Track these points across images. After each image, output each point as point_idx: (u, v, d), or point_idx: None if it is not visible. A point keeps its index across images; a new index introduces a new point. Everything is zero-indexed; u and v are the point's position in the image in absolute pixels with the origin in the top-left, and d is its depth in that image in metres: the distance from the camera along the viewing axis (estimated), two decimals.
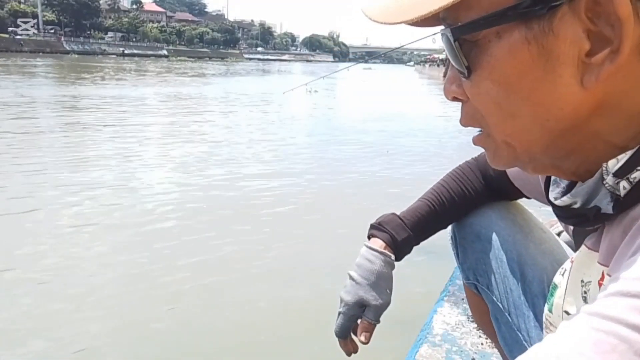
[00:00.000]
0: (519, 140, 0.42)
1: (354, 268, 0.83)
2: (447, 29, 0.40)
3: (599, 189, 0.41)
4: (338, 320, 0.83)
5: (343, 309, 0.82)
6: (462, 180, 0.87)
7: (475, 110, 0.43)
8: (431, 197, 0.87)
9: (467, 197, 0.86)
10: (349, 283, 0.83)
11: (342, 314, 0.82)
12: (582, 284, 0.47)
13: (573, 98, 0.37)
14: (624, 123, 0.38)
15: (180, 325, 2.48)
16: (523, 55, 0.37)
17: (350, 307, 0.81)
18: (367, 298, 0.81)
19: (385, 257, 0.82)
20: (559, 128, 0.40)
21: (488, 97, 0.41)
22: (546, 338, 0.34)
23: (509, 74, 0.38)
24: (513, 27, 0.36)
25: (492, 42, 0.38)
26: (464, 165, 0.89)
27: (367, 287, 0.81)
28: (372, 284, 0.81)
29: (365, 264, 0.82)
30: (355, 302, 0.81)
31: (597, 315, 0.30)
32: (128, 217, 3.97)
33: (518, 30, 0.36)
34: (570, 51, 0.35)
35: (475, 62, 0.39)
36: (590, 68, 0.36)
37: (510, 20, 0.36)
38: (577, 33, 0.35)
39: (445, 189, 0.87)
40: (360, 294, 0.81)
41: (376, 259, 0.82)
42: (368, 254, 0.83)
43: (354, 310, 0.82)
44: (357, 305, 0.81)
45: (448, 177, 0.89)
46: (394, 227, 0.84)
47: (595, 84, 0.36)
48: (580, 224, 0.47)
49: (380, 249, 0.82)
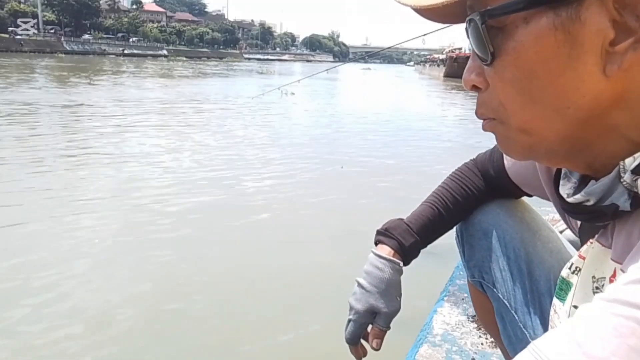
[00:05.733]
0: (538, 128, 0.42)
1: (363, 275, 0.83)
2: (475, 13, 0.40)
3: (615, 186, 0.41)
4: (349, 328, 0.83)
5: (354, 316, 0.82)
6: (463, 181, 0.87)
7: (494, 98, 0.44)
8: (434, 200, 0.88)
9: (470, 197, 0.86)
10: (358, 291, 0.83)
11: (352, 321, 0.82)
12: (593, 280, 0.48)
13: (595, 86, 0.38)
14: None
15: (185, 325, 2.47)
16: (549, 41, 0.38)
17: (361, 315, 0.81)
18: (378, 306, 0.81)
19: (393, 264, 0.82)
20: (579, 117, 0.40)
21: (510, 83, 0.41)
22: (563, 323, 0.34)
23: (534, 59, 0.39)
24: (542, 12, 0.37)
25: (519, 27, 0.39)
26: (462, 167, 0.90)
27: (377, 295, 0.81)
28: (382, 291, 0.81)
29: (374, 271, 0.82)
30: (366, 310, 0.81)
31: (616, 302, 0.31)
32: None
33: (546, 16, 0.37)
34: (596, 39, 0.36)
35: (501, 48, 0.40)
36: (614, 57, 0.37)
37: (540, 6, 0.37)
38: (603, 22, 0.36)
39: (447, 191, 0.88)
40: (370, 302, 0.81)
41: (385, 267, 0.82)
42: (376, 262, 0.83)
43: (365, 318, 0.82)
44: (368, 313, 0.81)
45: (448, 179, 0.90)
46: (400, 233, 0.84)
47: (617, 73, 0.37)
48: (591, 220, 0.48)
49: (388, 256, 0.82)
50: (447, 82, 34.39)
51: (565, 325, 0.33)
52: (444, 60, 45.19)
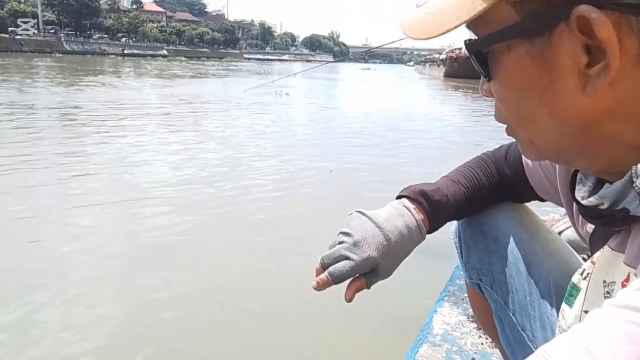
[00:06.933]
0: (540, 140, 0.46)
1: (388, 225, 0.72)
2: (467, 40, 0.45)
3: (627, 191, 0.42)
4: (343, 265, 0.70)
5: (358, 258, 0.70)
6: (487, 173, 0.83)
7: (501, 109, 0.48)
8: (467, 185, 0.81)
9: (492, 192, 0.83)
10: (380, 236, 0.71)
11: (353, 262, 0.70)
12: (604, 284, 0.48)
13: (578, 104, 0.40)
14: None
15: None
16: (529, 68, 0.41)
17: (369, 264, 0.71)
18: (384, 268, 0.72)
19: (420, 235, 0.75)
20: (572, 131, 0.42)
21: (505, 102, 0.46)
22: (572, 329, 0.33)
23: (519, 84, 0.43)
24: (520, 42, 0.40)
25: (504, 54, 0.42)
26: (485, 158, 0.85)
27: (393, 257, 0.73)
28: (397, 257, 0.74)
29: (403, 230, 0.73)
30: (376, 262, 0.71)
31: (628, 308, 0.30)
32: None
33: (524, 45, 0.40)
34: (570, 63, 0.38)
35: (493, 71, 0.44)
36: (591, 78, 0.38)
37: (516, 37, 0.40)
38: (575, 47, 0.38)
39: (477, 180, 0.82)
40: (384, 258, 0.71)
41: (415, 232, 0.74)
42: (410, 221, 0.74)
43: (367, 268, 0.71)
44: (373, 265, 0.71)
45: (475, 166, 0.84)
46: (445, 210, 0.77)
47: (599, 93, 0.38)
48: (606, 225, 0.48)
49: (422, 223, 0.75)
50: (447, 82, 34.39)
51: (575, 331, 0.33)
52: (444, 60, 45.19)
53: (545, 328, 0.76)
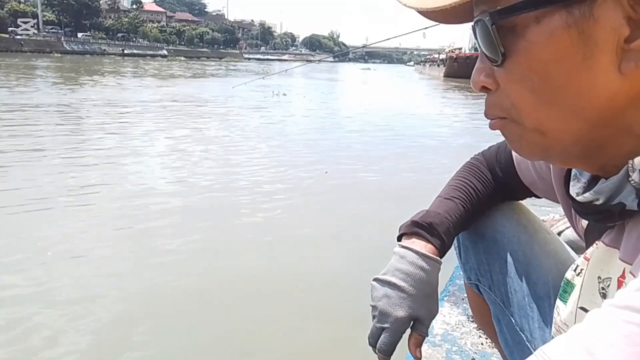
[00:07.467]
0: (552, 128, 0.41)
1: (397, 275, 0.72)
2: (484, 14, 0.39)
3: (623, 185, 0.41)
4: (384, 338, 0.71)
5: (391, 324, 0.70)
6: (481, 179, 0.82)
7: (505, 99, 0.43)
8: (462, 197, 0.80)
9: (489, 196, 0.81)
10: (394, 294, 0.71)
11: (389, 330, 0.70)
12: (599, 281, 0.47)
13: (610, 85, 0.37)
14: None
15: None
16: (562, 41, 0.37)
17: (402, 323, 0.71)
18: (422, 314, 0.72)
19: (436, 265, 0.73)
20: (594, 118, 0.39)
21: (522, 84, 0.40)
22: (572, 329, 0.33)
23: (546, 60, 0.38)
24: (553, 11, 0.36)
25: (530, 27, 0.38)
26: (476, 163, 0.83)
27: (421, 299, 0.72)
28: (426, 295, 0.72)
29: (416, 272, 0.72)
30: (409, 316, 0.71)
31: (628, 308, 0.30)
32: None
33: (558, 15, 0.36)
34: (610, 37, 0.35)
35: (511, 48, 0.39)
36: (629, 54, 0.36)
37: (552, 4, 0.36)
38: (618, 19, 0.35)
39: (472, 189, 0.80)
40: (414, 307, 0.71)
41: (431, 268, 0.73)
42: (419, 261, 0.72)
43: (405, 325, 0.72)
44: (409, 320, 0.72)
45: (467, 174, 0.82)
46: (445, 232, 0.76)
47: (633, 71, 0.36)
48: (601, 221, 0.47)
49: (433, 255, 0.73)
50: (447, 82, 34.37)
51: (575, 331, 0.32)
52: (444, 60, 45.17)
53: (543, 329, 0.75)
